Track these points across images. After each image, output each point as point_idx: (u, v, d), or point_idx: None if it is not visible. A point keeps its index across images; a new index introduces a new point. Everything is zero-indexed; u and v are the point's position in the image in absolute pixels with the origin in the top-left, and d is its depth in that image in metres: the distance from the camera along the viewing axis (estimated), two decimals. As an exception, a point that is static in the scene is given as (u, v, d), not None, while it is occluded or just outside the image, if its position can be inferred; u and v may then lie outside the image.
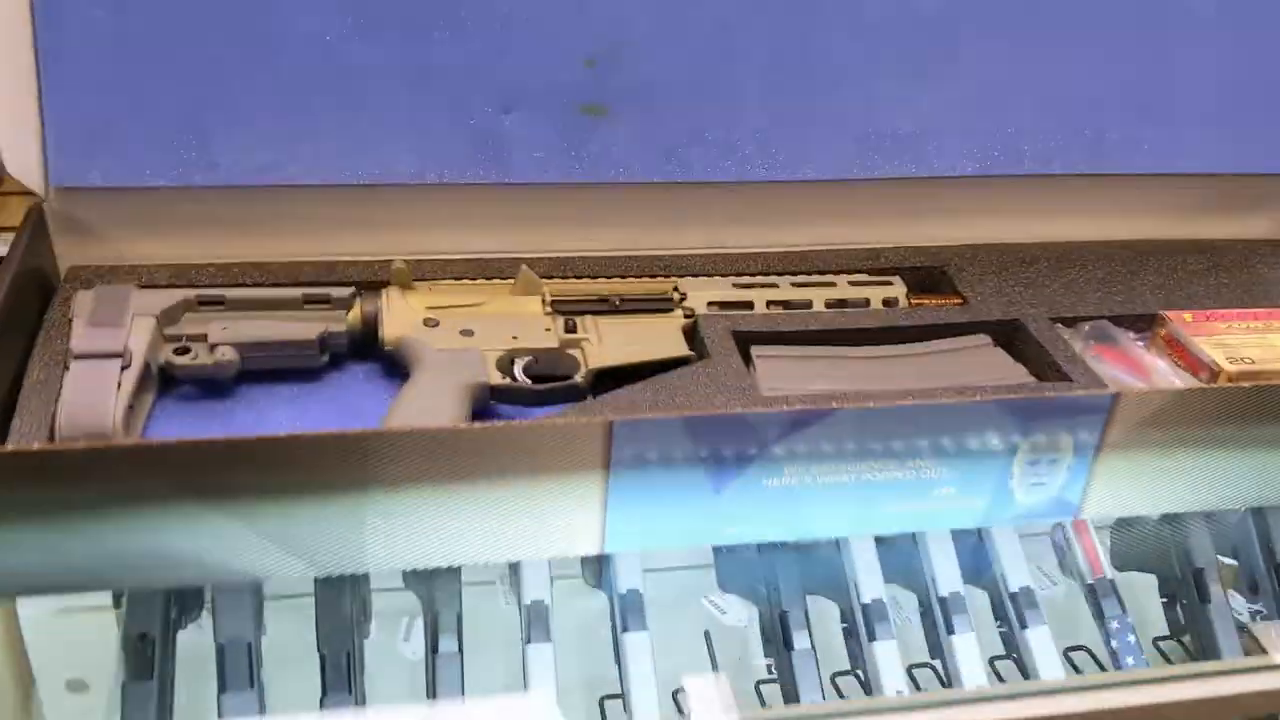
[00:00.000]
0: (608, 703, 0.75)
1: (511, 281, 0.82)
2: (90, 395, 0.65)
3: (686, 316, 0.80)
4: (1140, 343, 0.84)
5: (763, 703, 0.77)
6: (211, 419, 0.72)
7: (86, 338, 0.69)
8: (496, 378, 0.73)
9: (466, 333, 0.76)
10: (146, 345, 0.70)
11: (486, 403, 0.73)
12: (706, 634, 0.79)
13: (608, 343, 0.77)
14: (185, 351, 0.72)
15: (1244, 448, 0.76)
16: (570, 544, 0.69)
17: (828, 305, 0.84)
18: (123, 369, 0.68)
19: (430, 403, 0.69)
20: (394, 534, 0.64)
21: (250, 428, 0.71)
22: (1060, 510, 0.74)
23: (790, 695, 0.75)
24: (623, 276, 0.85)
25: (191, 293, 0.75)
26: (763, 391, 0.73)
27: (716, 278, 0.86)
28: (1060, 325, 0.84)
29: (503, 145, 0.84)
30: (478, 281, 0.82)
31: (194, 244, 0.82)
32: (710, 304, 0.82)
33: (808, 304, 0.84)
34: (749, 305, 0.83)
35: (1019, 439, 0.70)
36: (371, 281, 0.82)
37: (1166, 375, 0.80)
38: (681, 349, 0.77)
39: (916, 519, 0.73)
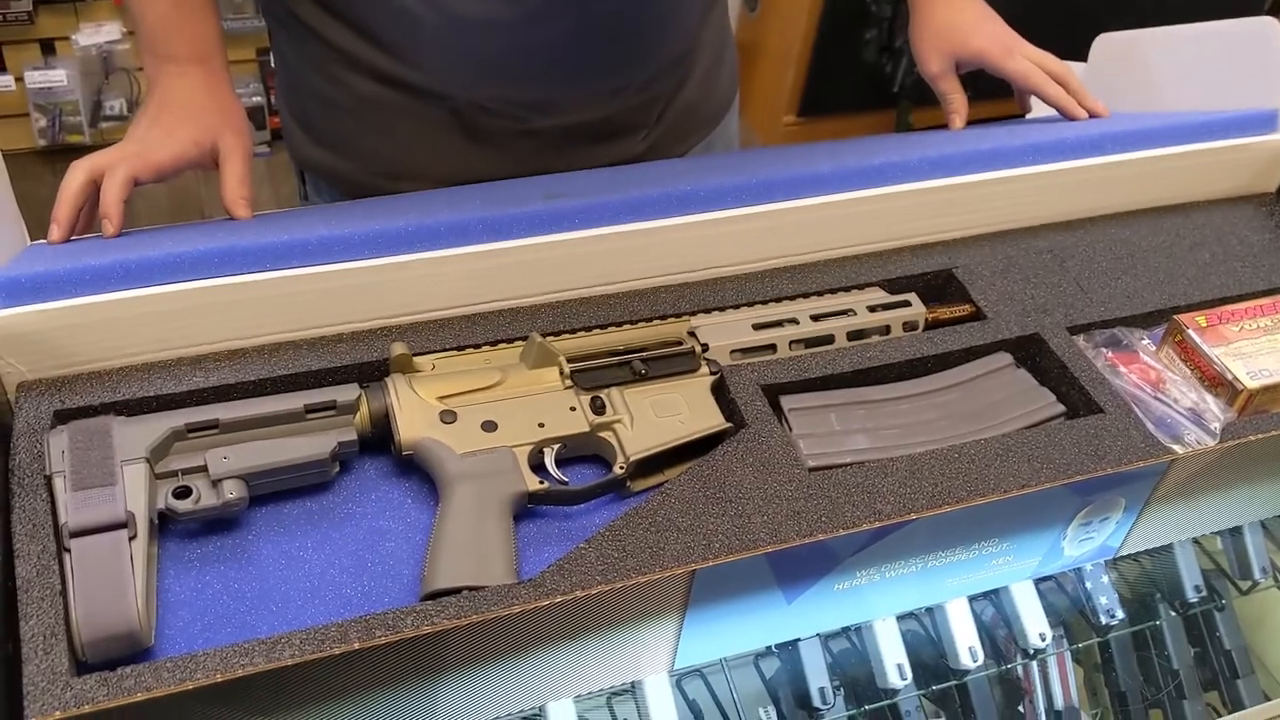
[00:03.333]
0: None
1: (520, 345, 0.76)
2: (106, 591, 0.57)
3: (713, 373, 0.76)
4: (1152, 344, 0.83)
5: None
6: (226, 560, 0.65)
7: (79, 507, 0.60)
8: (533, 480, 0.68)
9: (489, 425, 0.70)
10: (145, 499, 0.62)
11: (525, 506, 0.69)
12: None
13: (640, 422, 0.72)
14: (186, 493, 0.65)
15: (1270, 477, 0.78)
16: (637, 670, 0.67)
17: (849, 337, 0.80)
18: (130, 539, 0.60)
19: (472, 533, 0.64)
20: (469, 702, 0.61)
21: (276, 568, 0.65)
22: (1101, 554, 0.76)
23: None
24: (631, 321, 0.79)
25: (179, 419, 0.66)
26: (806, 462, 0.70)
27: (730, 312, 0.81)
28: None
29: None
30: (483, 350, 0.76)
31: (155, 330, 0.73)
32: (733, 352, 0.78)
33: (830, 339, 0.80)
34: (771, 348, 0.79)
35: (1077, 509, 0.70)
36: (366, 364, 0.74)
37: (1183, 389, 0.80)
38: (716, 418, 0.73)
39: (971, 586, 0.73)
